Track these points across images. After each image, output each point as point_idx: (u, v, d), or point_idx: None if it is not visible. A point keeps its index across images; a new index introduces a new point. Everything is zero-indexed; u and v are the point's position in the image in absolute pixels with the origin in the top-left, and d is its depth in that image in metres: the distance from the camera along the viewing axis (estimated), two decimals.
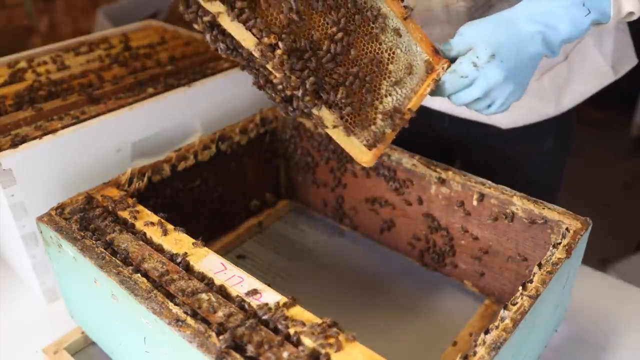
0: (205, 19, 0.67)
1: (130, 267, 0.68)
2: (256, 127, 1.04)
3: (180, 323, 0.60)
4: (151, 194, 0.89)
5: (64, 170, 0.91)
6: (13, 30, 2.67)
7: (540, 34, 0.73)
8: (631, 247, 2.31)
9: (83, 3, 2.87)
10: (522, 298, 0.64)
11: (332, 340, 0.57)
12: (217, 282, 0.67)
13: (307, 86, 0.70)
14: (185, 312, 0.62)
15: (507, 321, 0.61)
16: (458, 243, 0.90)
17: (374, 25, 0.73)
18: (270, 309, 0.61)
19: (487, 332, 0.61)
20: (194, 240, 0.73)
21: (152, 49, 1.20)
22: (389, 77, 0.75)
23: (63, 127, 0.91)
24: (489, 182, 0.84)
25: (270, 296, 0.64)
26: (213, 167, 0.98)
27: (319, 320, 0.60)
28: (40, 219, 0.77)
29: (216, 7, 0.65)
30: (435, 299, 0.92)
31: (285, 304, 0.62)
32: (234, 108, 1.12)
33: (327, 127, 0.74)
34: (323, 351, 0.56)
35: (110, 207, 0.79)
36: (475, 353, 0.58)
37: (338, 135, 0.75)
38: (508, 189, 0.83)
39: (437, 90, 0.77)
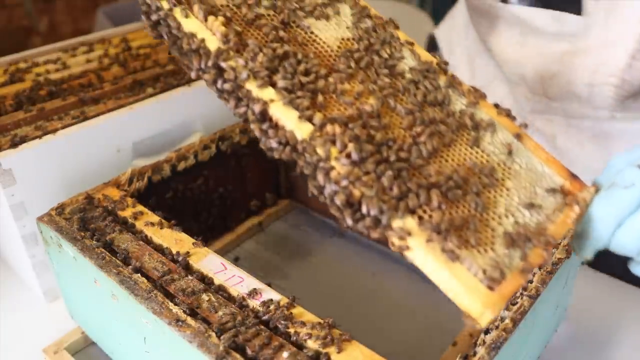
0: (257, 108, 0.57)
1: (130, 267, 0.68)
2: None
3: (180, 323, 0.60)
4: (151, 194, 0.89)
5: (64, 170, 0.91)
6: (13, 30, 2.67)
7: None
8: None
9: (83, 3, 2.87)
10: (522, 298, 0.64)
11: (332, 341, 0.57)
12: (217, 282, 0.67)
13: (385, 183, 0.52)
14: (185, 312, 0.62)
15: (507, 321, 0.61)
16: None
17: (475, 134, 0.61)
18: (270, 309, 0.61)
19: (487, 332, 0.61)
20: (194, 240, 0.73)
21: (152, 49, 1.20)
22: (508, 195, 0.57)
23: (63, 127, 0.91)
24: None
25: (270, 296, 0.64)
26: (213, 167, 0.98)
27: (319, 320, 0.60)
28: (40, 219, 0.77)
29: (268, 94, 0.57)
30: (435, 299, 0.91)
31: (285, 304, 0.62)
32: None
33: (410, 247, 0.50)
34: (323, 351, 0.56)
35: (110, 207, 0.79)
36: (475, 353, 0.58)
37: (434, 261, 0.49)
38: None
39: (587, 222, 0.56)
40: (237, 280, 0.67)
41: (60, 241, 0.74)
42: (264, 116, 0.58)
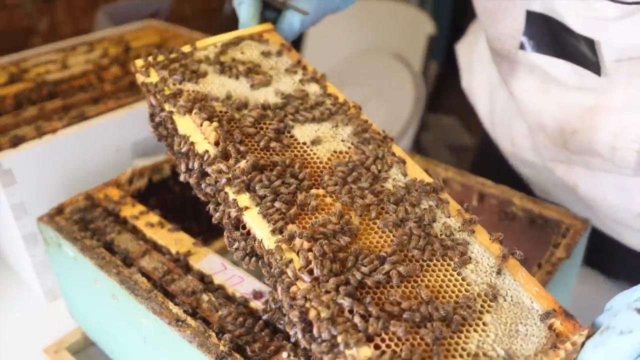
0: (232, 213, 0.58)
1: (131, 267, 0.68)
2: None
3: (180, 323, 0.60)
4: (151, 193, 0.89)
5: (64, 170, 0.91)
6: (13, 30, 2.67)
7: None
8: None
9: (83, 3, 2.87)
10: None
11: None
12: (217, 282, 0.67)
13: (345, 306, 0.49)
14: (186, 312, 0.62)
15: None
16: None
17: (458, 260, 0.56)
18: (270, 309, 0.61)
19: None
20: (194, 240, 0.73)
21: (151, 49, 1.20)
22: (483, 331, 0.51)
23: (63, 127, 0.91)
24: (489, 182, 0.84)
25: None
26: None
27: None
28: (40, 219, 0.77)
29: (243, 201, 0.58)
30: None
31: None
32: None
33: None
34: None
35: (110, 207, 0.79)
36: None
37: None
38: (508, 188, 0.83)
39: None
40: (237, 280, 0.67)
41: (60, 241, 0.74)
42: (238, 223, 0.58)
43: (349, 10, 0.88)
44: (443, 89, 3.05)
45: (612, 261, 0.97)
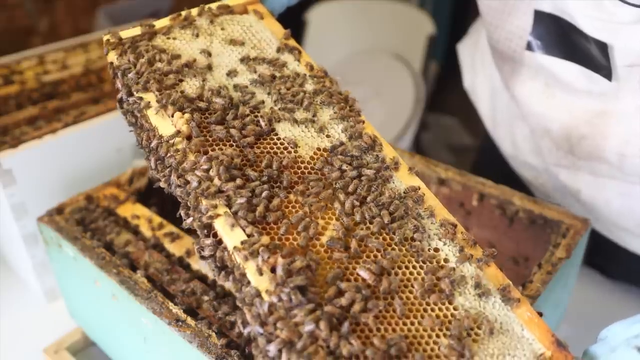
0: (203, 220, 0.53)
1: (130, 267, 0.68)
2: None
3: (180, 323, 0.60)
4: (151, 193, 0.89)
5: (64, 170, 0.91)
6: (13, 30, 2.67)
7: None
8: None
9: (83, 3, 2.87)
10: None
11: None
12: (217, 282, 0.67)
13: (318, 334, 0.45)
14: (185, 312, 0.62)
15: None
16: None
17: (443, 282, 0.52)
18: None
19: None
20: (194, 240, 0.73)
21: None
22: None
23: (63, 127, 0.91)
24: (489, 182, 0.84)
25: None
26: None
27: None
28: (40, 219, 0.77)
29: (215, 208, 0.53)
30: None
31: None
32: None
33: None
34: None
35: (110, 207, 0.79)
36: None
37: None
38: (508, 188, 0.83)
39: None
40: None
41: (60, 241, 0.74)
42: (209, 230, 0.53)
43: (349, 10, 0.87)
44: (443, 89, 3.04)
45: (612, 262, 0.97)
